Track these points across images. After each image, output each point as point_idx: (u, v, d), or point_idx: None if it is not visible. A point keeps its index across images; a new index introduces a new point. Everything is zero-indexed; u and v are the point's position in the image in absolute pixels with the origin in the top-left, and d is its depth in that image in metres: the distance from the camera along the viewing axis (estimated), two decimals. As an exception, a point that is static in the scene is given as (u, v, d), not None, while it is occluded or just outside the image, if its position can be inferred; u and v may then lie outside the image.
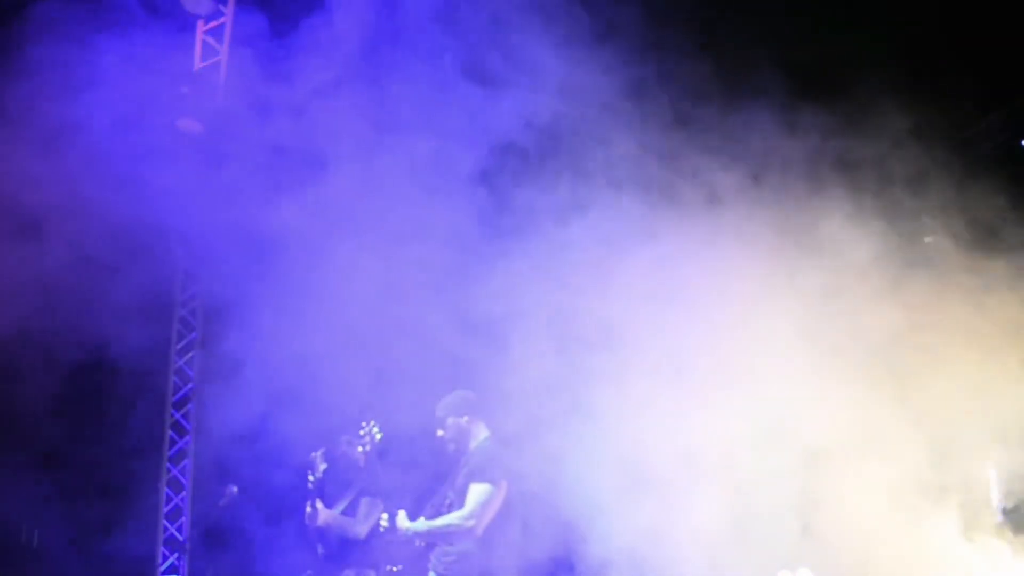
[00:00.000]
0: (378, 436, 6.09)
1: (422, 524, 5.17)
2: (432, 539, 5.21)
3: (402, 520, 5.16)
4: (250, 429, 6.93)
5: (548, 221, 5.96)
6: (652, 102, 6.04)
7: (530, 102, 6.11)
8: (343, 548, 6.19)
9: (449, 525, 5.12)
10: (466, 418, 5.37)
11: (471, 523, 5.06)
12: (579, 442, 5.49)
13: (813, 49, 6.28)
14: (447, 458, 5.49)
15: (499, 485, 5.13)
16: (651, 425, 5.43)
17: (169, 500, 9.02)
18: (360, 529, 6.17)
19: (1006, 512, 6.27)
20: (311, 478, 6.14)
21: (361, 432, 6.13)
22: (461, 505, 5.17)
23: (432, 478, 5.81)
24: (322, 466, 6.22)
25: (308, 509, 6.08)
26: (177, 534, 8.95)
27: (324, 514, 6.11)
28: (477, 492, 5.10)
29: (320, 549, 6.29)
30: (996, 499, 6.48)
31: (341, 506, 6.24)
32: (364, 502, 6.21)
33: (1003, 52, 6.52)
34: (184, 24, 7.84)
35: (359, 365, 6.09)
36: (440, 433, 5.42)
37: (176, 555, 8.91)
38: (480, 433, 5.37)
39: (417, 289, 6.08)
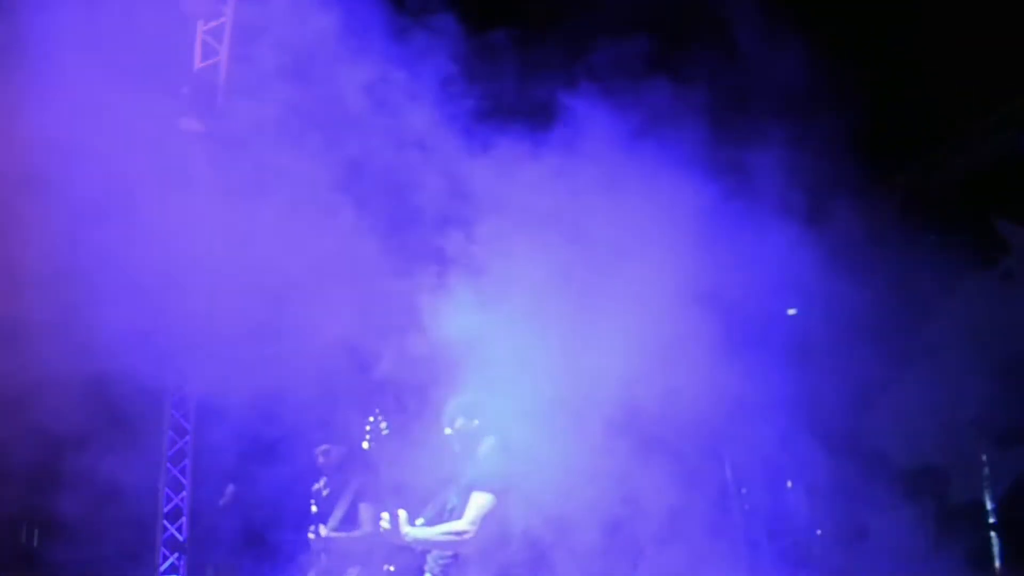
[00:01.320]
0: (385, 431, 6.05)
1: (422, 531, 5.15)
2: (430, 546, 5.19)
3: (403, 523, 5.13)
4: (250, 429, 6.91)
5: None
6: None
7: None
8: (347, 554, 6.19)
9: (448, 533, 5.10)
10: (477, 422, 5.36)
11: (470, 533, 5.04)
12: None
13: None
14: (452, 459, 5.45)
15: (501, 496, 5.12)
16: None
17: (169, 500, 9.04)
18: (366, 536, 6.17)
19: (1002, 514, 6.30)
20: (314, 508, 6.13)
21: (367, 427, 6.09)
22: (463, 509, 5.16)
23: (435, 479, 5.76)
24: (325, 492, 6.21)
25: (311, 535, 6.09)
26: (177, 534, 8.96)
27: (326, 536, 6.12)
28: (479, 502, 5.05)
29: (324, 557, 6.29)
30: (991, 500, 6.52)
31: (336, 517, 6.23)
32: (363, 508, 6.19)
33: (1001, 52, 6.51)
34: (184, 24, 7.84)
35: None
36: (447, 431, 5.40)
37: (176, 555, 8.93)
38: (488, 439, 5.36)
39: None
